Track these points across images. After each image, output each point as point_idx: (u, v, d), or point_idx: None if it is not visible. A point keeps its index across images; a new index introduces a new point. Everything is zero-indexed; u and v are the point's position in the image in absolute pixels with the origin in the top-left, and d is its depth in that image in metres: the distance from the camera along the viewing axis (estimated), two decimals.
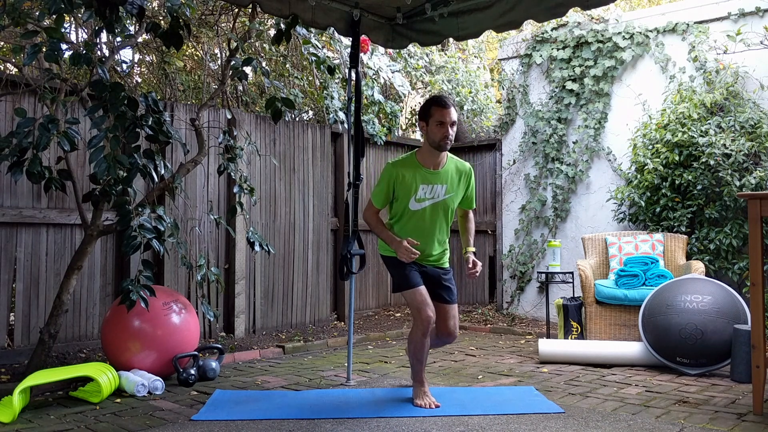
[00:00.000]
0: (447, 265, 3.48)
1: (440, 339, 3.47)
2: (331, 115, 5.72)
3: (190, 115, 5.01)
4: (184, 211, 5.04)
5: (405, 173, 3.27)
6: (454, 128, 3.23)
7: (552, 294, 6.21)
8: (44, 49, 3.24)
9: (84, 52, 3.34)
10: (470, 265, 3.37)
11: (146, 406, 3.37)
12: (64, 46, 3.47)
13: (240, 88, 6.24)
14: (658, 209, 5.42)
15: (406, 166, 3.30)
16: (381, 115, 6.62)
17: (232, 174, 4.40)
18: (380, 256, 3.49)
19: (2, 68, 5.30)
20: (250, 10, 4.87)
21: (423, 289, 3.29)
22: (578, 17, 6.30)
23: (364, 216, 3.42)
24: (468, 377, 4.06)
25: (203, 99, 5.90)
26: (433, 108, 3.22)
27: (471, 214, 3.58)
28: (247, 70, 4.80)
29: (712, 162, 5.04)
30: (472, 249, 3.46)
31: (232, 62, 4.33)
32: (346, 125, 5.84)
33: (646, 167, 5.44)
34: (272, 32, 5.83)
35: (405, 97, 7.22)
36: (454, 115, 3.21)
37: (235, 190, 4.41)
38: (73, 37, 5.54)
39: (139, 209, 3.60)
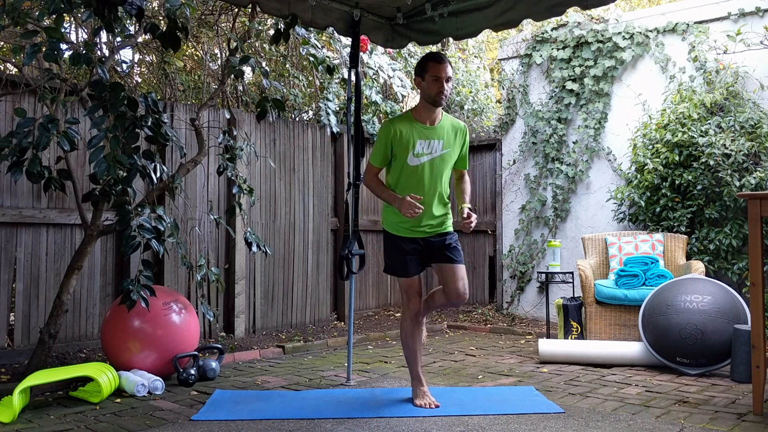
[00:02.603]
0: (450, 229, 3.39)
1: (450, 301, 3.36)
2: (323, 118, 5.67)
3: (190, 115, 5.01)
4: (184, 211, 5.04)
5: (402, 129, 3.25)
6: (450, 84, 3.23)
7: (552, 294, 6.21)
8: (44, 49, 3.23)
9: (84, 52, 3.34)
10: (464, 215, 3.26)
11: (146, 406, 3.37)
12: (63, 46, 3.47)
13: (240, 88, 6.24)
14: (658, 209, 5.42)
15: (402, 122, 3.28)
16: (381, 115, 6.62)
17: (230, 174, 4.40)
18: (383, 232, 3.43)
19: (2, 68, 5.30)
20: (249, 10, 4.87)
21: (417, 278, 3.32)
22: (578, 17, 6.30)
23: (365, 180, 3.37)
24: (468, 377, 4.06)
25: (203, 99, 5.90)
26: (430, 63, 3.22)
27: (466, 176, 3.52)
28: (246, 69, 4.79)
29: (711, 162, 5.04)
30: (467, 204, 3.36)
31: (231, 61, 4.33)
32: (336, 129, 5.82)
33: (646, 167, 5.44)
34: (272, 32, 5.83)
35: (405, 97, 7.22)
36: (449, 70, 3.22)
37: (234, 190, 4.41)
38: (73, 37, 5.54)
39: (139, 209, 3.60)
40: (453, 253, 3.32)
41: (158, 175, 3.65)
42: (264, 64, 5.47)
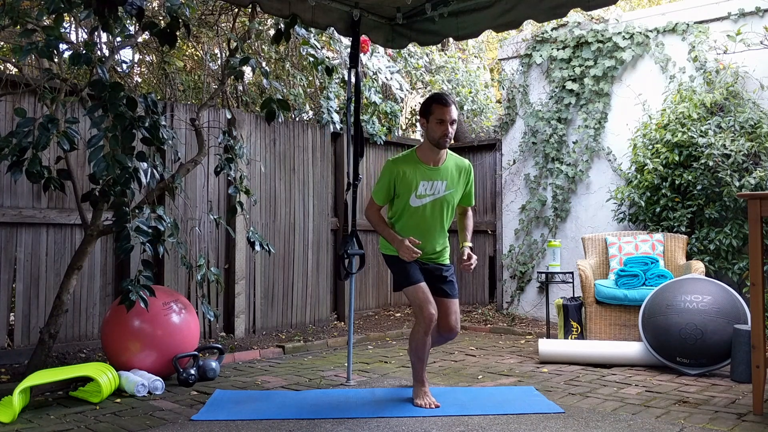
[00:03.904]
0: (447, 261, 3.48)
1: (441, 335, 3.46)
2: (324, 116, 5.69)
3: (190, 115, 5.01)
4: (184, 211, 5.04)
5: (405, 170, 3.29)
6: (454, 126, 3.25)
7: (552, 294, 6.20)
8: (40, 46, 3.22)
9: (84, 51, 3.34)
10: (465, 257, 3.35)
11: (146, 406, 3.37)
12: (63, 46, 3.46)
13: (240, 88, 6.24)
14: (658, 209, 5.42)
15: (406, 163, 3.31)
16: (381, 115, 6.62)
17: (228, 175, 4.39)
18: (381, 254, 3.50)
19: (2, 68, 5.29)
20: (250, 10, 4.87)
21: (424, 285, 3.29)
22: (578, 17, 6.30)
23: (366, 214, 3.43)
24: (468, 377, 4.06)
25: (203, 99, 5.90)
26: (434, 105, 3.24)
27: (470, 212, 3.59)
28: (246, 69, 4.79)
29: (711, 162, 5.04)
30: (468, 244, 3.46)
31: (230, 62, 4.33)
32: (339, 126, 5.82)
33: (646, 167, 5.44)
34: (272, 32, 5.83)
35: (405, 98, 7.22)
36: (454, 113, 3.23)
37: (230, 191, 4.41)
38: (72, 37, 5.54)
39: (136, 210, 3.60)
40: (449, 287, 3.42)
41: (147, 179, 3.60)
42: (264, 64, 5.47)
